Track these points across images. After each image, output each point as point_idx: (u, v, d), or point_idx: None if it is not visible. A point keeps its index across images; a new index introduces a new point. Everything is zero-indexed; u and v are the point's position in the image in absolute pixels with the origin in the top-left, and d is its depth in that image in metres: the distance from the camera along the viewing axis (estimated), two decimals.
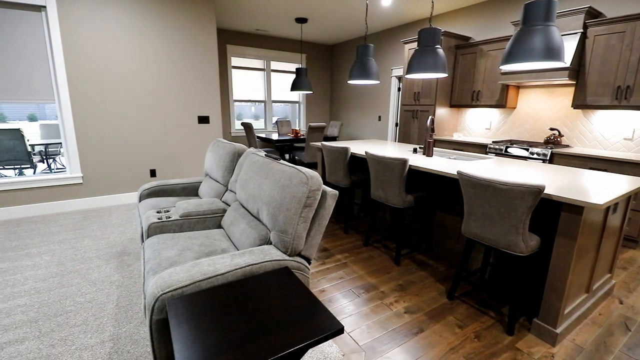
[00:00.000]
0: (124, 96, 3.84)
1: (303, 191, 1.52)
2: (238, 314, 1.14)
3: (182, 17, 4.01)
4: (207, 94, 4.36)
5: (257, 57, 6.77)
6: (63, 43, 3.45)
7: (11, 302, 2.02)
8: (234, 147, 2.58)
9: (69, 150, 3.67)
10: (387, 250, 2.86)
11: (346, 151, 2.98)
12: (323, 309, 1.18)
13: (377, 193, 2.69)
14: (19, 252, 2.69)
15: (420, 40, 2.69)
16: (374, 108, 6.63)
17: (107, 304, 2.01)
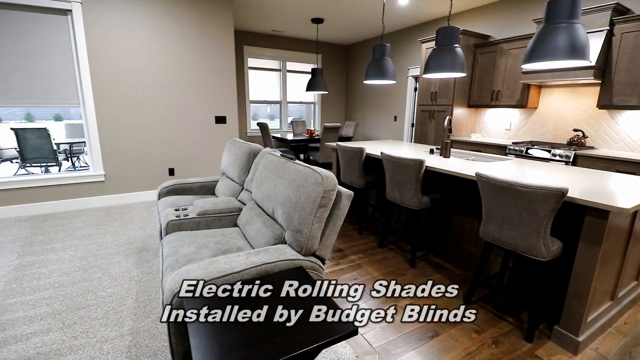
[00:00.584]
0: (144, 97, 3.95)
1: (318, 191, 1.52)
2: (253, 312, 1.15)
3: (201, 20, 4.09)
4: (225, 95, 4.43)
5: (273, 58, 6.83)
6: (87, 46, 3.58)
7: (37, 294, 2.11)
8: (250, 146, 2.61)
9: (92, 149, 3.80)
10: (402, 252, 2.83)
11: (361, 151, 2.97)
12: (337, 310, 1.18)
13: (392, 194, 2.67)
14: (45, 246, 2.80)
15: (438, 39, 2.65)
16: (389, 108, 6.57)
17: (126, 298, 2.07)
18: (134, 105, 3.92)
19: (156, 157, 4.16)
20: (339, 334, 1.05)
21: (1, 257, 2.59)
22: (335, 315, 1.14)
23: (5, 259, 2.56)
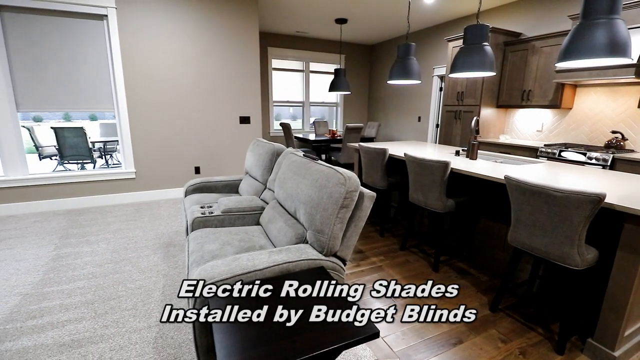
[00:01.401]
0: (172, 98, 4.10)
1: (340, 192, 1.52)
2: (274, 309, 1.17)
3: (228, 23, 4.18)
4: (249, 96, 4.52)
5: (296, 59, 6.89)
6: (121, 50, 3.76)
7: (72, 284, 2.23)
8: (273, 146, 2.65)
9: (124, 147, 3.99)
10: (425, 256, 2.77)
11: (384, 152, 2.93)
12: (359, 311, 1.17)
13: (415, 196, 2.62)
14: (80, 239, 2.97)
15: (466, 37, 2.57)
16: (413, 108, 6.46)
17: (154, 291, 2.15)
18: (163, 106, 4.07)
19: (183, 156, 4.30)
20: (360, 336, 1.04)
21: (41, 248, 2.76)
22: (356, 316, 1.14)
23: (44, 250, 2.73)
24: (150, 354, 1.61)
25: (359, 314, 1.14)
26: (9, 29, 3.36)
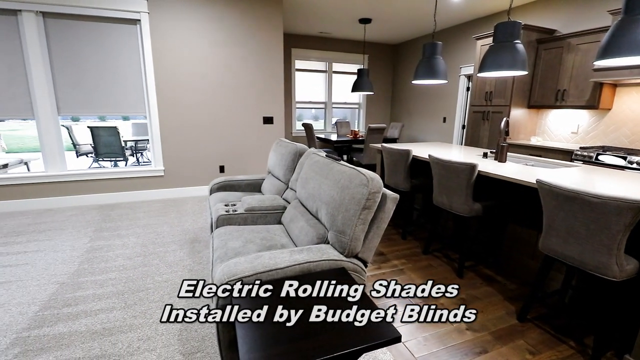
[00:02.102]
0: (199, 99, 4.22)
1: (363, 193, 1.51)
2: (294, 308, 1.18)
3: (253, 26, 4.26)
4: (272, 96, 4.58)
5: (319, 60, 6.91)
6: (153, 53, 3.92)
7: (104, 275, 2.35)
8: (296, 146, 2.67)
9: (154, 146, 4.16)
10: (449, 261, 2.69)
11: (408, 154, 2.88)
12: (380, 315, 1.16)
13: (440, 199, 2.56)
14: (112, 232, 3.12)
15: (496, 35, 2.48)
16: (438, 109, 6.31)
17: (179, 285, 2.22)
18: (190, 107, 4.20)
19: (208, 155, 4.42)
20: (381, 340, 1.03)
21: (76, 240, 2.93)
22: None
23: (80, 242, 2.89)
24: (175, 345, 1.67)
25: (380, 318, 1.13)
26: (51, 35, 3.58)
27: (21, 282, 2.25)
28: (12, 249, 2.74)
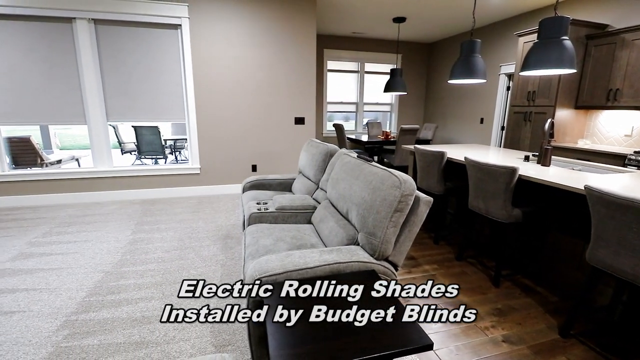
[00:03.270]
0: (233, 100, 4.36)
1: (395, 195, 1.48)
2: (324, 307, 1.18)
3: (287, 27, 4.33)
4: (304, 97, 4.62)
5: (351, 60, 6.88)
6: (192, 56, 4.10)
7: (144, 266, 2.49)
8: (327, 147, 2.67)
9: (191, 146, 4.35)
10: (484, 269, 2.58)
11: (442, 156, 2.79)
12: (415, 325, 1.13)
13: (475, 203, 2.45)
14: (152, 226, 3.30)
15: (541, 31, 2.34)
16: (475, 109, 6.05)
17: (213, 279, 2.31)
18: (226, 108, 4.35)
19: (241, 155, 4.55)
20: (412, 346, 1.01)
21: (120, 232, 3.13)
22: (408, 325, 1.10)
23: (123, 234, 3.09)
24: (207, 337, 1.73)
25: (412, 322, 1.10)
26: (101, 41, 3.86)
27: (71, 269, 2.44)
28: (64, 239, 2.99)
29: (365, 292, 1.29)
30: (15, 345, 1.67)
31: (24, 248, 2.78)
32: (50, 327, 1.82)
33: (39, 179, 3.97)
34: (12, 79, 3.72)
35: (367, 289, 1.31)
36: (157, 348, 1.66)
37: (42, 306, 2.00)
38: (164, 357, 1.60)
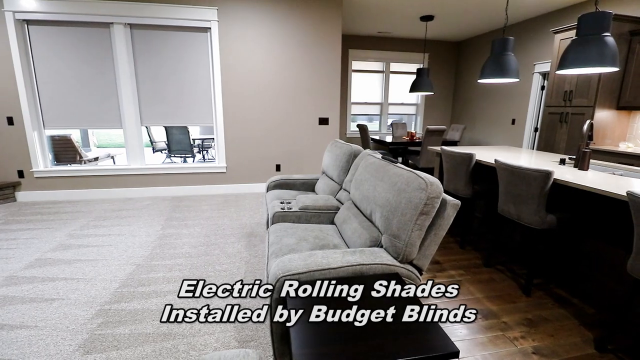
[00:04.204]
0: (259, 101, 4.44)
1: (420, 197, 1.45)
2: (346, 309, 1.17)
3: (312, 28, 4.35)
4: (329, 98, 4.63)
5: (377, 60, 6.81)
6: (220, 58, 4.21)
7: (173, 260, 2.59)
8: (351, 148, 2.66)
9: (218, 145, 4.47)
10: (514, 276, 2.47)
11: (470, 158, 2.70)
12: (435, 325, 1.11)
13: (506, 208, 2.36)
14: (180, 222, 3.42)
15: (580, 27, 2.21)
16: (507, 110, 5.81)
17: (237, 275, 2.36)
18: (251, 108, 4.44)
19: (266, 154, 4.63)
20: (437, 353, 0.98)
21: (151, 227, 3.27)
22: (433, 331, 1.07)
23: (153, 229, 3.22)
24: (231, 331, 1.78)
25: (437, 328, 1.08)
26: (136, 45, 4.05)
27: (105, 261, 2.58)
28: (100, 232, 3.16)
29: (387, 294, 1.27)
30: (54, 330, 1.79)
31: (64, 240, 2.97)
32: (85, 315, 1.92)
33: (77, 175, 4.23)
34: (57, 86, 4.00)
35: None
36: (183, 340, 1.72)
37: (79, 295, 2.12)
38: (190, 349, 1.65)
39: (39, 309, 1.97)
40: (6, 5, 3.66)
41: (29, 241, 2.93)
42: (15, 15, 3.71)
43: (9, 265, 2.49)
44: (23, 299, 2.06)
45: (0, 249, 2.77)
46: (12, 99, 3.88)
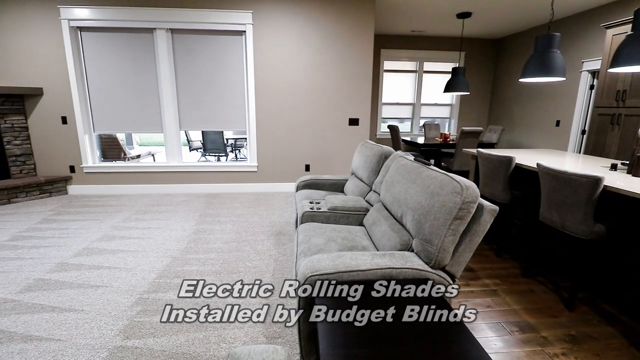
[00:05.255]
0: (290, 102, 4.50)
1: (455, 201, 1.40)
2: (374, 313, 1.16)
3: (344, 28, 4.34)
4: (359, 98, 4.60)
5: (410, 59, 6.66)
6: (254, 61, 4.32)
7: (206, 255, 2.69)
8: (382, 149, 2.62)
9: (250, 145, 4.59)
10: (555, 289, 2.31)
11: (509, 161, 2.57)
12: (469, 336, 1.06)
13: (548, 216, 2.21)
14: (213, 218, 3.55)
15: (637, 22, 2.03)
16: (550, 111, 5.46)
17: (266, 272, 2.41)
18: (282, 109, 4.51)
19: (296, 154, 4.68)
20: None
21: (186, 222, 3.42)
22: (466, 341, 1.03)
23: (189, 224, 3.37)
24: (259, 327, 1.81)
25: (470, 340, 1.03)
26: (176, 50, 4.25)
27: (145, 252, 2.73)
28: (140, 225, 3.35)
29: (418, 299, 1.24)
30: (98, 315, 1.92)
31: (108, 231, 3.19)
32: (126, 302, 2.05)
33: (122, 171, 4.52)
34: (106, 91, 4.31)
35: (420, 297, 1.26)
36: (214, 332, 1.78)
37: (121, 283, 2.26)
38: (221, 341, 1.71)
39: (86, 294, 2.13)
40: (62, 14, 3.99)
41: (78, 231, 3.17)
42: (70, 23, 4.03)
43: (61, 253, 2.71)
44: (72, 285, 2.24)
45: (53, 237, 3.02)
46: (66, 100, 4.23)
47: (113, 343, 1.70)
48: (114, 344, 1.70)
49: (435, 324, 1.11)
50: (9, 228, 3.23)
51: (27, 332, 1.78)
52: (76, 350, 1.65)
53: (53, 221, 3.43)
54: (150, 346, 1.68)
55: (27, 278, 2.32)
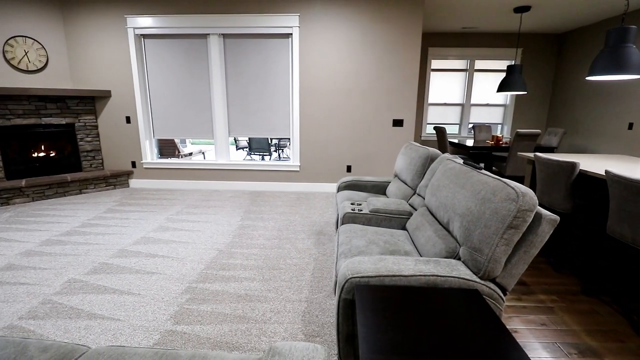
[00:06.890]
0: (333, 102, 4.51)
1: (509, 209, 1.31)
2: (417, 320, 1.12)
3: (390, 28, 4.26)
4: (404, 99, 4.48)
5: (459, 58, 6.35)
6: (300, 62, 4.40)
7: (249, 250, 2.80)
8: (428, 151, 2.54)
9: (293, 145, 4.69)
10: (623, 310, 2.07)
11: (572, 167, 2.35)
12: (520, 353, 0.99)
13: (618, 229, 1.98)
14: (257, 215, 3.68)
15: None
16: (621, 112, 4.89)
17: (305, 271, 2.44)
18: (325, 109, 4.54)
19: (338, 155, 4.69)
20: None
21: (232, 217, 3.59)
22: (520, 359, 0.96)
23: (234, 220, 3.53)
24: (298, 324, 1.85)
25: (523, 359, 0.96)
26: (227, 54, 4.47)
27: (194, 244, 2.91)
28: (191, 218, 3.57)
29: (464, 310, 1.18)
30: (153, 300, 2.08)
31: (163, 222, 3.44)
32: (177, 289, 2.20)
33: (176, 168, 4.86)
34: (165, 100, 4.68)
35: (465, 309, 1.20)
36: (255, 325, 1.84)
37: (173, 271, 2.43)
38: (261, 334, 1.77)
39: (142, 279, 2.32)
40: (129, 23, 4.39)
41: (137, 221, 3.46)
42: (135, 31, 4.42)
43: (122, 240, 2.98)
44: (130, 270, 2.45)
45: (116, 226, 3.33)
46: (130, 101, 4.64)
47: (164, 327, 1.83)
48: (165, 327, 1.83)
49: (482, 338, 1.05)
50: (80, 216, 3.62)
51: (92, 310, 1.98)
52: (132, 330, 1.81)
53: (116, 211, 3.79)
54: (197, 333, 1.79)
55: (93, 261, 2.58)
